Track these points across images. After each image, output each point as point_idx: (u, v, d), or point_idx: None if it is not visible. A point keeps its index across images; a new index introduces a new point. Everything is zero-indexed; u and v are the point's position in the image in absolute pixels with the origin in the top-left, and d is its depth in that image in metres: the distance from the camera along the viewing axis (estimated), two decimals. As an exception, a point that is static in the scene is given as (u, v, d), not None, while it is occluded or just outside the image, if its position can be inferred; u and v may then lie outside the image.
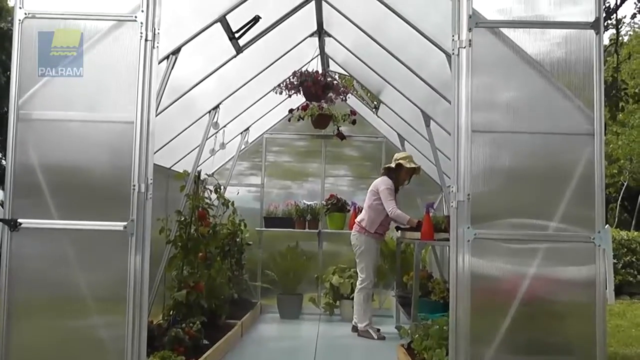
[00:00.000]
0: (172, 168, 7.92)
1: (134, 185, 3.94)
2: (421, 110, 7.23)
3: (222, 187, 7.72)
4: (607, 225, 3.88)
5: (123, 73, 4.03)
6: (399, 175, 7.28)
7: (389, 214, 7.00)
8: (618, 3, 8.31)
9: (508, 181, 4.06)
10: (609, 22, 8.60)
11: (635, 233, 13.94)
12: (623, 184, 22.09)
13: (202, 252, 6.50)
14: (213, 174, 8.16)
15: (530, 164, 4.08)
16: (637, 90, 9.64)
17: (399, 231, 7.52)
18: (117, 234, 3.93)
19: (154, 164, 4.09)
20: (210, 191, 6.99)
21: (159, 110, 4.84)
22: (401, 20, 5.21)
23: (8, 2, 16.69)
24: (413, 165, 7.30)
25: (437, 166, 7.51)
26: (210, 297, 6.54)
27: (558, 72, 4.02)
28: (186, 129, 7.33)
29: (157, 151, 5.48)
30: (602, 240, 3.87)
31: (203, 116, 7.34)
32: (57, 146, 4.05)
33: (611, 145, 19.67)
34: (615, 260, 12.30)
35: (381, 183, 7.22)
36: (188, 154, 8.02)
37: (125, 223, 3.93)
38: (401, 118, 8.52)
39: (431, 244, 7.68)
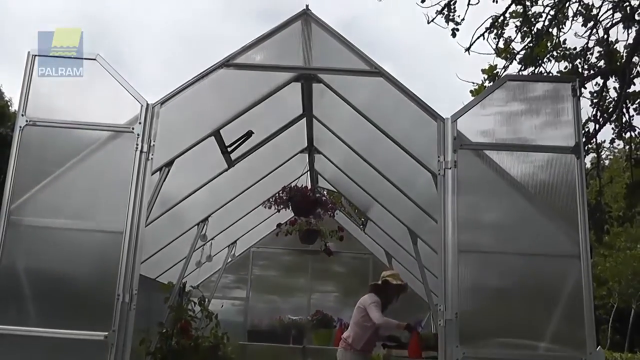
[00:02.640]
0: (157, 279, 7.82)
1: (118, 295, 3.89)
2: (408, 228, 7.28)
3: (206, 300, 7.59)
4: (599, 347, 3.83)
5: (116, 183, 4.10)
6: (386, 292, 7.20)
7: (376, 322, 6.82)
8: (597, 128, 8.63)
9: (496, 300, 4.05)
10: (589, 146, 8.88)
11: (629, 354, 13.70)
12: (613, 306, 21.95)
13: (182, 365, 6.29)
14: (198, 286, 8.07)
15: (518, 284, 4.09)
16: (621, 214, 9.80)
17: (386, 349, 7.34)
18: (97, 344, 3.83)
19: (139, 274, 4.05)
20: (195, 303, 6.87)
21: (148, 221, 4.86)
22: (389, 140, 5.37)
23: (10, 107, 17.03)
24: (400, 282, 7.25)
25: (425, 284, 7.47)
26: (189, 413, 6.26)
27: (542, 194, 4.13)
28: (174, 240, 7.31)
29: (143, 261, 5.43)
30: (594, 362, 3.81)
31: (191, 228, 7.35)
32: (45, 252, 4.04)
33: (599, 267, 19.71)
34: (611, 382, 12.02)
35: (368, 299, 7.11)
36: (174, 265, 7.95)
37: (106, 333, 3.84)
38: (388, 235, 8.56)
39: (419, 364, 7.47)
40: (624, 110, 8.62)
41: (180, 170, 5.47)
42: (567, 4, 8.75)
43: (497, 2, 8.66)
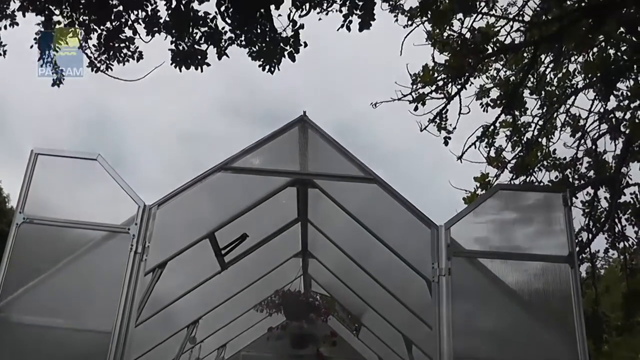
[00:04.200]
0: (142, 383, 7.55)
1: (103, 400, 3.77)
2: (402, 335, 7.14)
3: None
4: None
5: (108, 283, 4.06)
6: None
7: None
8: (590, 237, 8.66)
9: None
10: (584, 255, 8.88)
11: None
12: (620, 418, 21.15)
13: None
14: (185, 391, 7.80)
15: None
16: (619, 323, 9.67)
17: None
18: None
19: (126, 377, 3.94)
20: (180, 410, 6.63)
21: (137, 322, 4.77)
22: (383, 246, 5.38)
23: (7, 204, 17.01)
24: None
25: (420, 393, 7.25)
26: None
27: (537, 302, 4.10)
28: (163, 342, 7.14)
29: (130, 364, 5.29)
30: None
31: (181, 330, 7.20)
32: (31, 351, 3.93)
33: (600, 376, 19.15)
34: None
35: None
36: (161, 368, 7.72)
37: None
38: (382, 341, 8.38)
39: None
40: (616, 220, 8.70)
41: (173, 271, 5.42)
42: (555, 115, 9.05)
43: (487, 111, 8.94)
